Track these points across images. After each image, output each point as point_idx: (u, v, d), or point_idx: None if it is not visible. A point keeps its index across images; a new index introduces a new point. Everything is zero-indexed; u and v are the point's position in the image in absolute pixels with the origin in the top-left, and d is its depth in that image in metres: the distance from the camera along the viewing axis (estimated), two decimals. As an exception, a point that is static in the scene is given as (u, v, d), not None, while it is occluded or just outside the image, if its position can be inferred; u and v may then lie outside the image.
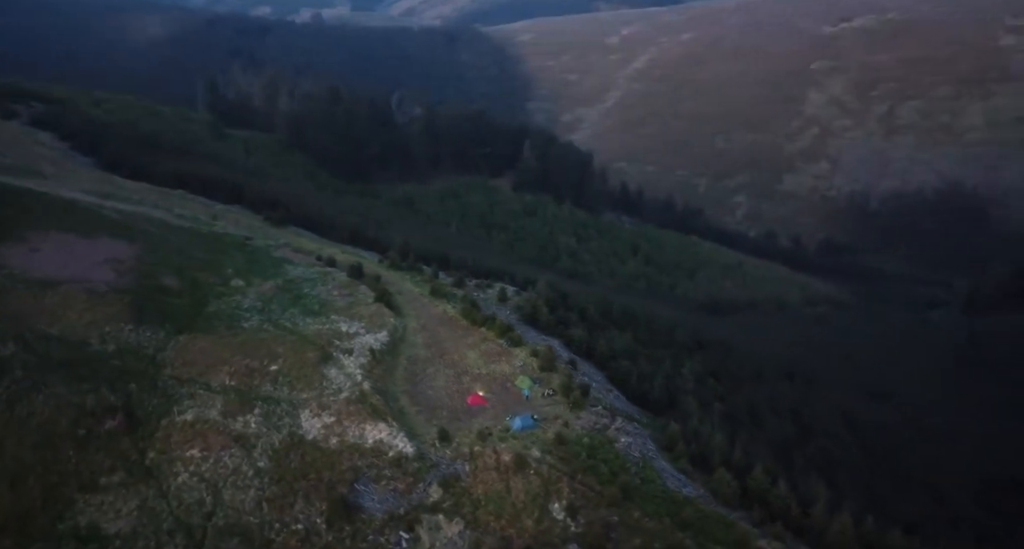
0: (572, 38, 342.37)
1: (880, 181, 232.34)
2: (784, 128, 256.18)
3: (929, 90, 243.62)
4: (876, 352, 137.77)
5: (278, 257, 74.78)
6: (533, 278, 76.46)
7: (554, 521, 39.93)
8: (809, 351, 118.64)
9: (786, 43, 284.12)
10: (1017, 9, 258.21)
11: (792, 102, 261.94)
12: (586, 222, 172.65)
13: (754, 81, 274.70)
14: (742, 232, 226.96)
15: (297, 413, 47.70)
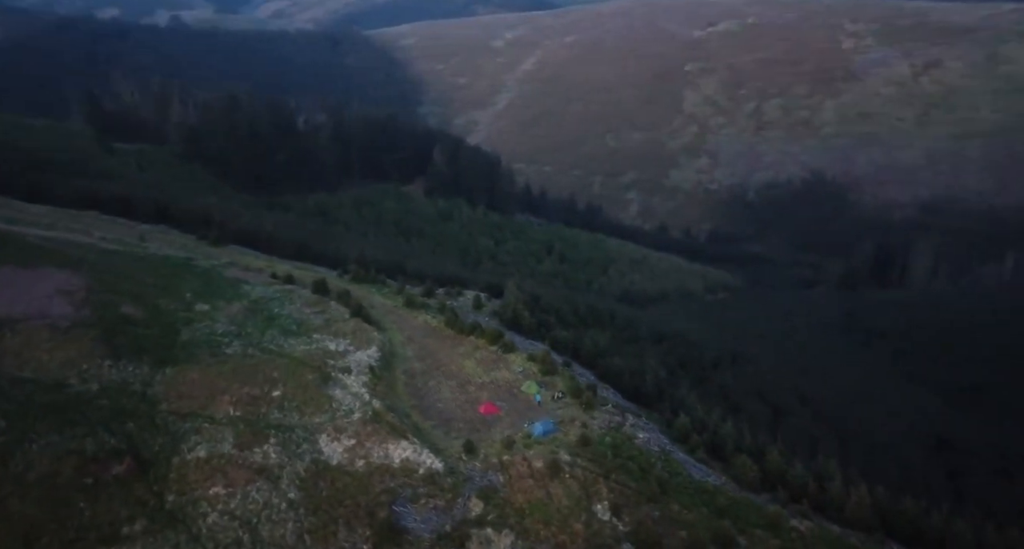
0: (458, 42, 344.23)
1: (754, 173, 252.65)
2: (666, 126, 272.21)
3: (788, 89, 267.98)
4: (775, 331, 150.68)
5: (231, 277, 71.27)
6: (493, 283, 77.85)
7: (602, 522, 41.19)
8: (727, 334, 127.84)
9: (661, 46, 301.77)
10: (855, 15, 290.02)
11: (671, 101, 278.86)
12: (500, 224, 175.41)
13: (635, 82, 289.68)
14: (638, 227, 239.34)
15: (315, 439, 46.35)
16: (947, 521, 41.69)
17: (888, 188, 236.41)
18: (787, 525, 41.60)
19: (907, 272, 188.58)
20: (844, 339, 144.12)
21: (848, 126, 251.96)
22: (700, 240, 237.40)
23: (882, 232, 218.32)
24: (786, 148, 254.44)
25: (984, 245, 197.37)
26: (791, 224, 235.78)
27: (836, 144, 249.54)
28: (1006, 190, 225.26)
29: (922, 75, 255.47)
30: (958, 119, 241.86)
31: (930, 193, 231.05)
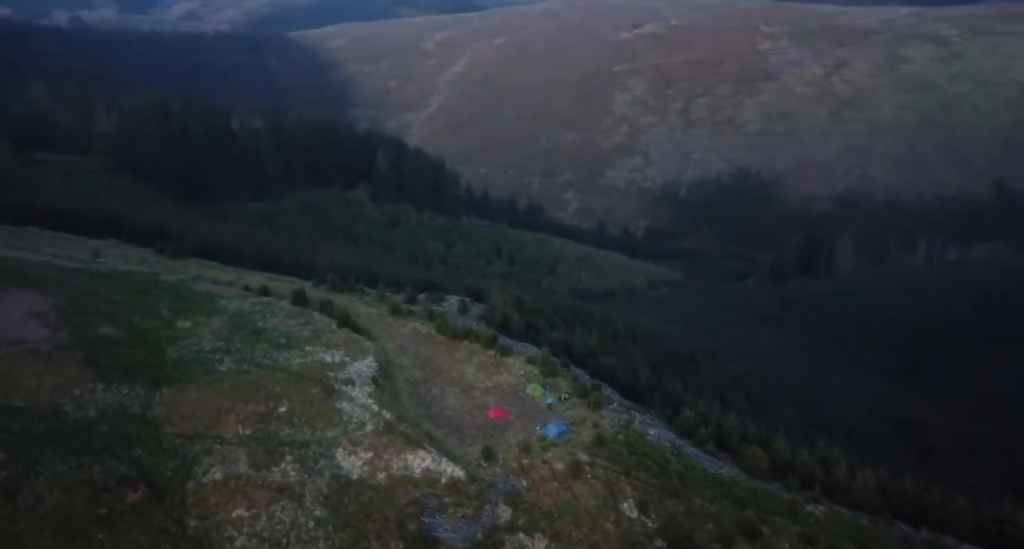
0: (386, 44, 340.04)
1: (685, 171, 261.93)
2: (598, 126, 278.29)
3: (712, 89, 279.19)
4: (720, 323, 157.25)
5: (203, 292, 68.64)
6: (472, 287, 78.03)
7: (631, 520, 42.07)
8: (679, 328, 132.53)
9: (589, 47, 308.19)
10: (769, 18, 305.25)
11: (602, 102, 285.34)
12: (448, 227, 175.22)
13: (566, 83, 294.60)
14: (578, 226, 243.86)
15: (331, 453, 45.50)
16: (946, 499, 45.04)
17: (808, 183, 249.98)
18: (803, 511, 43.93)
19: (832, 262, 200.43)
20: (785, 328, 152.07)
21: (769, 124, 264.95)
22: (638, 237, 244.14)
23: (807, 225, 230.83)
24: (713, 146, 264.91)
25: (896, 234, 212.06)
26: (721, 219, 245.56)
27: (759, 141, 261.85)
28: (910, 183, 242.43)
29: (833, 75, 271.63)
30: (867, 117, 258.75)
31: (845, 187, 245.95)
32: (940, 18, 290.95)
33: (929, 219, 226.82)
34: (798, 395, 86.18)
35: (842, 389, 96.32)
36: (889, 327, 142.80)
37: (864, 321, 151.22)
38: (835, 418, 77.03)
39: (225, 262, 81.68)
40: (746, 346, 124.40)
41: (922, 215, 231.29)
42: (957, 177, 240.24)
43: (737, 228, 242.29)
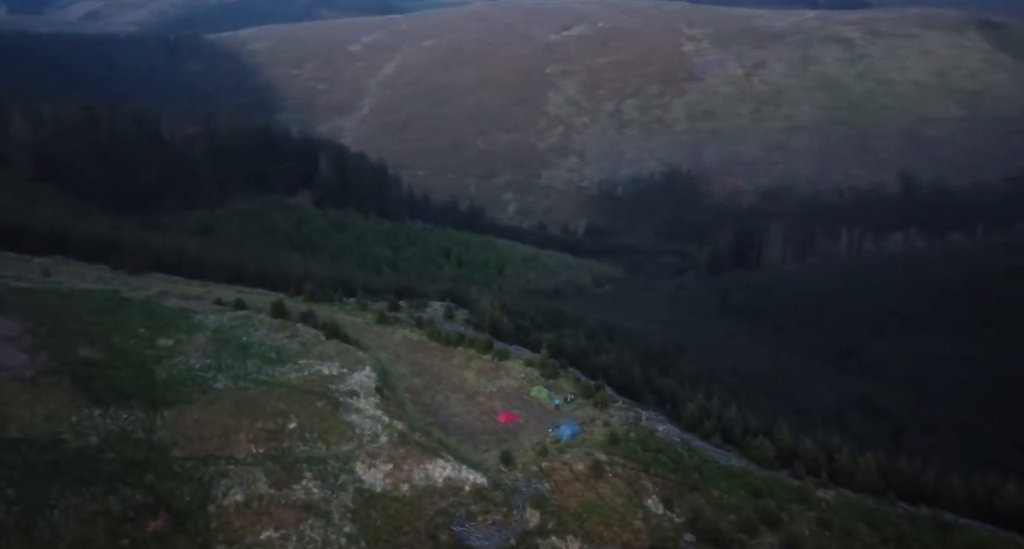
0: (312, 46, 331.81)
1: (620, 170, 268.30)
2: (534, 127, 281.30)
3: (642, 89, 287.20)
4: (666, 316, 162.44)
5: (175, 308, 65.68)
6: (446, 292, 77.83)
7: (658, 517, 43.08)
8: (640, 323, 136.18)
9: (521, 49, 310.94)
10: (690, 21, 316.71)
11: (536, 103, 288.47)
12: (395, 231, 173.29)
13: (500, 84, 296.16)
14: (522, 227, 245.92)
15: (350, 468, 44.73)
16: (939, 477, 48.49)
17: (734, 179, 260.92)
18: (814, 496, 46.22)
19: (763, 254, 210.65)
20: (728, 319, 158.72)
21: (696, 123, 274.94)
22: (578, 236, 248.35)
23: (735, 219, 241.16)
24: (645, 145, 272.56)
25: (820, 226, 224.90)
26: (656, 216, 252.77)
27: (687, 140, 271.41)
28: (827, 176, 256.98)
29: (752, 75, 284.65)
30: (784, 115, 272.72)
31: (769, 182, 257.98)
32: (844, 21, 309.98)
33: (845, 210, 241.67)
34: (767, 383, 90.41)
35: (798, 374, 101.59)
36: (822, 314, 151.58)
37: (798, 309, 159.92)
38: (806, 403, 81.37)
39: (188, 275, 78.28)
40: (703, 337, 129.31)
41: (839, 207, 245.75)
42: (867, 170, 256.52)
43: (671, 224, 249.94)
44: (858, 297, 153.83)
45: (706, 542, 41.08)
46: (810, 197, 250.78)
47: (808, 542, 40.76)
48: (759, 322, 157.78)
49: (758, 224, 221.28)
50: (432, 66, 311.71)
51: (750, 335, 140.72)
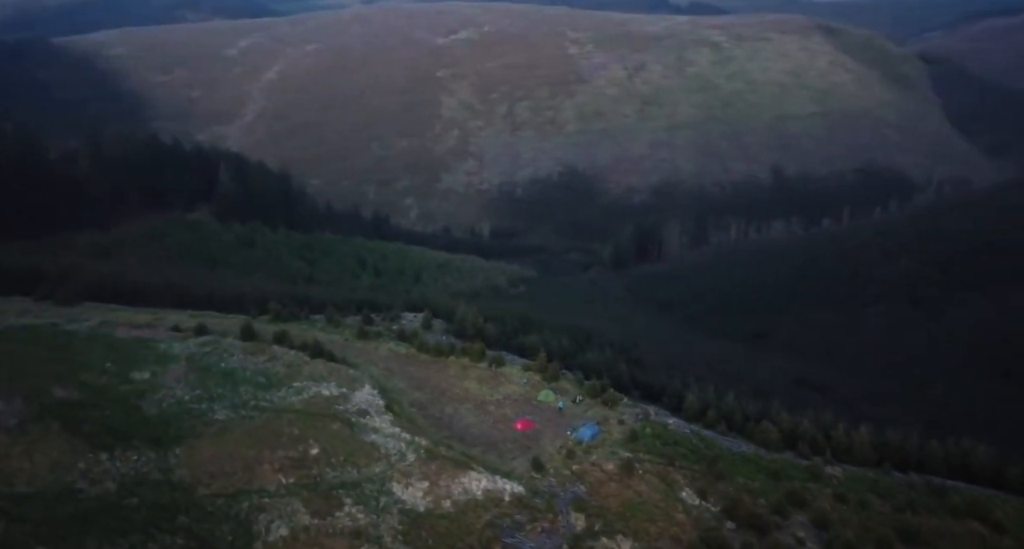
0: (180, 51, 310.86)
1: (518, 171, 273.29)
2: (430, 132, 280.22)
3: (533, 91, 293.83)
4: (589, 310, 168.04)
5: (130, 338, 60.97)
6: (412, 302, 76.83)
7: (696, 507, 44.59)
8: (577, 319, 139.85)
9: (409, 53, 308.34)
10: (573, 25, 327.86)
11: (430, 107, 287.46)
12: (307, 243, 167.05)
13: (391, 89, 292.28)
14: (430, 232, 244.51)
15: (388, 489, 43.72)
16: (921, 445, 53.97)
17: (626, 176, 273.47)
18: (824, 474, 49.72)
19: (662, 247, 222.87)
20: (643, 310, 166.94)
21: (587, 123, 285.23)
22: (484, 238, 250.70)
23: (629, 215, 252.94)
24: (540, 146, 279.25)
25: (709, 217, 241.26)
26: (556, 215, 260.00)
27: (580, 140, 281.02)
28: (708, 171, 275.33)
29: (634, 77, 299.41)
30: (667, 114, 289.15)
31: (657, 178, 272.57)
32: (711, 26, 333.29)
33: (727, 202, 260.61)
34: (716, 368, 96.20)
35: (734, 358, 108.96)
36: (727, 300, 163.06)
37: (704, 297, 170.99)
38: (756, 385, 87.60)
39: (126, 302, 72.37)
40: (631, 329, 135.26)
41: (721, 199, 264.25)
42: (743, 164, 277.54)
43: (571, 222, 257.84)
44: (757, 282, 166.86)
45: (745, 527, 43.40)
46: (695, 191, 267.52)
47: (833, 517, 44.44)
48: (671, 312, 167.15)
49: (655, 219, 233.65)
50: (318, 71, 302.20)
51: (669, 325, 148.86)
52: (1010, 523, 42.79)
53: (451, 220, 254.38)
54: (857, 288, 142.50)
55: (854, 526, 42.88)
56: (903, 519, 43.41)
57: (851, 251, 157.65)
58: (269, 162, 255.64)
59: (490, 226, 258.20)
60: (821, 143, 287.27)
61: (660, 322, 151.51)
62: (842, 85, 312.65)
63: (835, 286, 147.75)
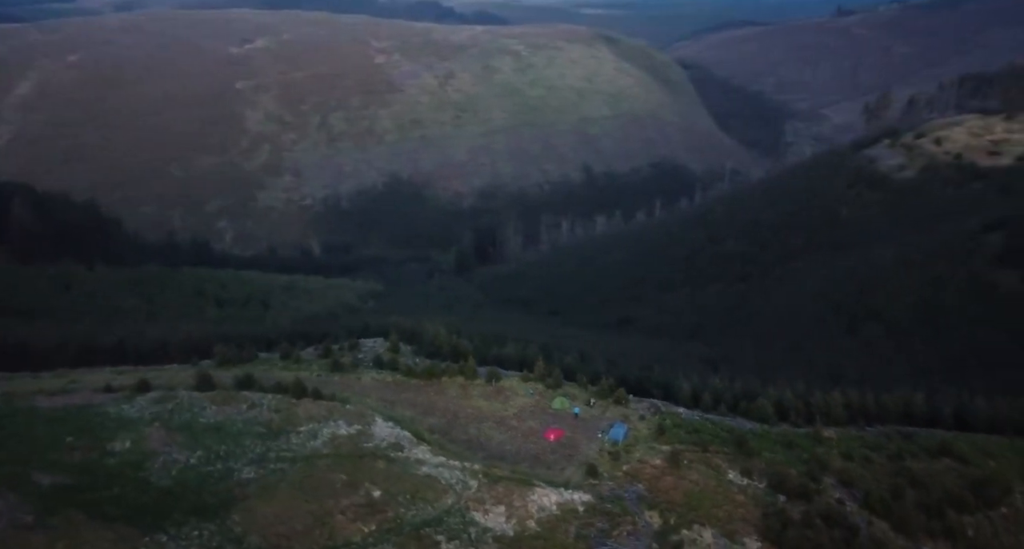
0: None
1: (341, 183, 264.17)
2: (237, 148, 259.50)
3: (346, 101, 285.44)
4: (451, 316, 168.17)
5: (60, 408, 50.99)
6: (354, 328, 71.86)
7: (747, 486, 47.36)
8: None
9: (198, 64, 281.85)
10: (376, 33, 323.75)
11: (233, 122, 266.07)
12: (133, 278, 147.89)
13: (185, 103, 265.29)
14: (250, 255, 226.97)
15: (471, 519, 41.58)
16: (877, 401, 60.95)
17: (451, 182, 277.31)
18: (824, 437, 55.14)
19: (503, 248, 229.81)
20: (508, 312, 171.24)
21: (405, 132, 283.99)
22: (316, 255, 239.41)
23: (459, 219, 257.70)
24: (361, 156, 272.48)
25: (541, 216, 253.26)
26: (388, 225, 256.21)
27: (401, 148, 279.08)
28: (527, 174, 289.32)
29: (445, 85, 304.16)
30: (481, 120, 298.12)
31: (481, 182, 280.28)
32: (509, 35, 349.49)
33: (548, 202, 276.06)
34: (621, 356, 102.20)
35: (640, 348, 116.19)
36: (581, 292, 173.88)
37: (557, 292, 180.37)
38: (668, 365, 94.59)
39: (12, 369, 59.67)
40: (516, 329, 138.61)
41: (542, 199, 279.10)
42: (556, 165, 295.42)
43: (403, 231, 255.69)
44: (604, 273, 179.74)
45: (794, 498, 47.09)
46: (518, 193, 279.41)
47: (852, 474, 49.79)
48: (533, 309, 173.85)
49: (490, 221, 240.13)
50: (88, 85, 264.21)
51: (542, 322, 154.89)
52: (971, 456, 52.49)
53: (275, 239, 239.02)
54: (694, 271, 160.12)
55: (868, 480, 49.37)
56: (901, 466, 51.06)
57: (681, 238, 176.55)
58: (40, 190, 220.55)
59: (320, 242, 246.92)
60: (619, 142, 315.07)
61: (532, 320, 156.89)
62: (628, 89, 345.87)
63: (675, 270, 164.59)
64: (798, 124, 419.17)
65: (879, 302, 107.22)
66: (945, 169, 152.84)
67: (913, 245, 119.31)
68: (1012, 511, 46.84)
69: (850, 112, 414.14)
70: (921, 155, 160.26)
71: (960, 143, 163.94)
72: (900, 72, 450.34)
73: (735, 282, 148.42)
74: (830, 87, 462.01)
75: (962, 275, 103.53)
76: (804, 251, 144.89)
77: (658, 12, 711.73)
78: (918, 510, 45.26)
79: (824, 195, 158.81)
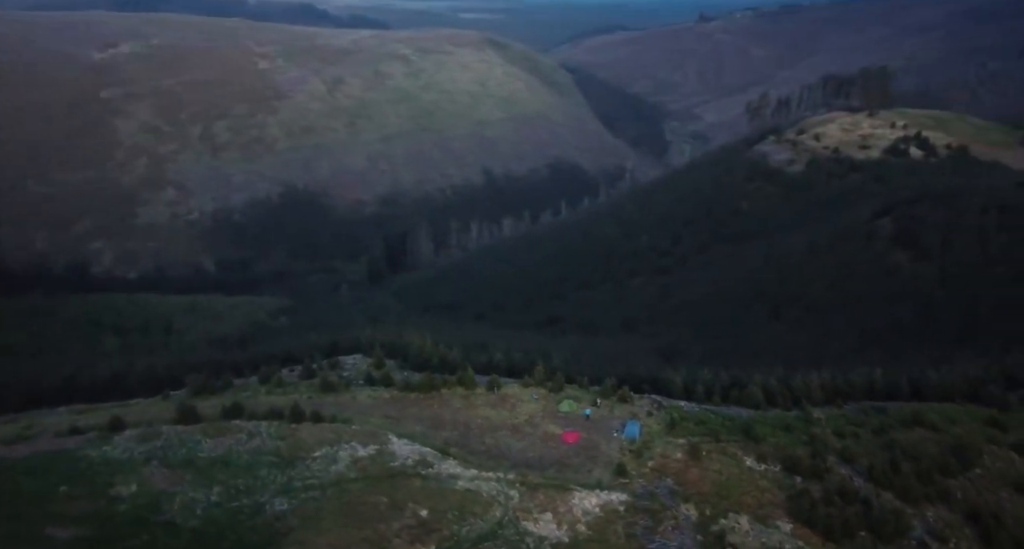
0: None
1: (232, 195, 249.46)
2: (110, 160, 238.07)
3: (229, 109, 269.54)
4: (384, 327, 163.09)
5: (33, 456, 45.09)
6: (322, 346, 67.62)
7: (765, 471, 48.89)
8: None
9: (59, 70, 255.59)
10: (256, 38, 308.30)
11: (104, 133, 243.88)
12: (18, 310, 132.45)
13: (43, 114, 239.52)
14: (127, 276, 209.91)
15: (524, 529, 40.45)
16: (846, 380, 64.11)
17: (351, 190, 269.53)
18: (815, 419, 57.49)
19: (415, 254, 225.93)
20: (436, 319, 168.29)
21: (297, 140, 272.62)
22: (211, 273, 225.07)
23: (362, 228, 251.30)
24: (251, 167, 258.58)
25: (450, 222, 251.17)
26: (287, 237, 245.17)
27: (294, 157, 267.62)
28: (428, 179, 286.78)
29: (335, 91, 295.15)
30: (377, 126, 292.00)
31: (382, 189, 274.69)
32: (396, 40, 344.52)
33: (452, 206, 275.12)
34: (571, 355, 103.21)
35: (579, 346, 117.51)
36: (504, 294, 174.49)
37: (479, 295, 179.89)
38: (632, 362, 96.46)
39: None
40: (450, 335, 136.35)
41: (446, 203, 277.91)
42: (456, 169, 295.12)
43: (304, 242, 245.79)
44: (522, 274, 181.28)
45: (808, 479, 49.09)
46: (421, 198, 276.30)
47: (852, 451, 52.50)
48: (457, 315, 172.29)
49: (399, 229, 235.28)
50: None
51: (473, 327, 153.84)
52: (940, 424, 57.70)
53: (162, 258, 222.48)
54: (614, 266, 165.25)
55: (864, 454, 52.71)
56: (888, 439, 54.93)
57: (596, 235, 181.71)
58: None
59: (214, 258, 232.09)
60: (514, 145, 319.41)
61: (462, 326, 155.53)
62: (518, 92, 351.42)
63: (595, 267, 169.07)
64: (674, 123, 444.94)
65: (797, 287, 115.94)
66: (827, 162, 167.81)
67: (815, 233, 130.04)
68: (985, 472, 51.99)
69: (720, 111, 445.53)
70: (805, 150, 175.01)
71: (835, 138, 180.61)
72: (758, 73, 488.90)
73: (655, 275, 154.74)
74: (699, 88, 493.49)
75: (866, 258, 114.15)
76: (714, 242, 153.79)
77: (534, 18, 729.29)
78: (915, 479, 49.39)
79: (726, 189, 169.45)
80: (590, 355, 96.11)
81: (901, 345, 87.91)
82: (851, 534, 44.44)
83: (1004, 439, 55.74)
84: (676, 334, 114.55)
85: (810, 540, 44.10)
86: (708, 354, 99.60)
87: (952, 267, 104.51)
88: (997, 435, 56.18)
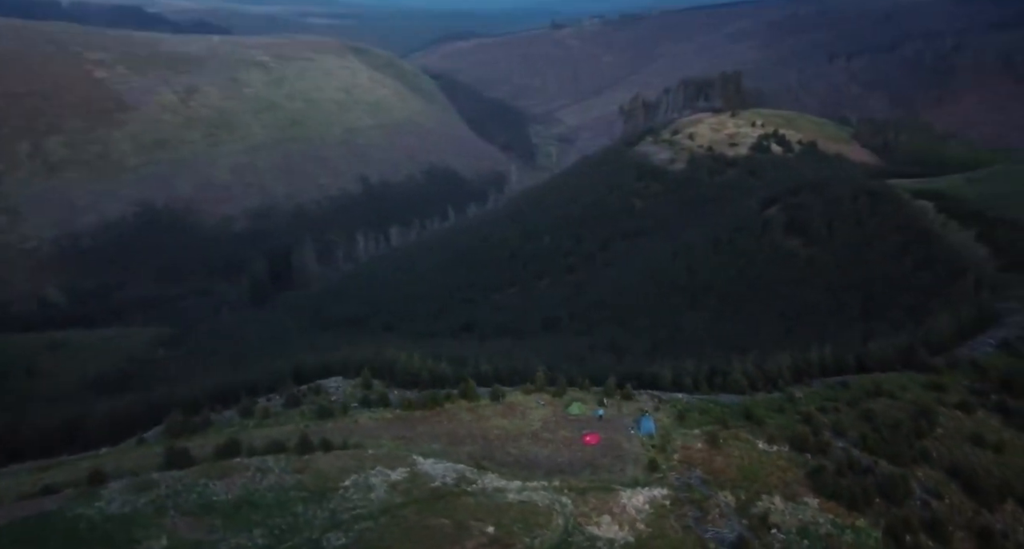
0: None
1: (77, 219, 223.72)
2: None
3: (62, 124, 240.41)
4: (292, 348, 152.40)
5: (23, 519, 37.78)
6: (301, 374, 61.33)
7: (778, 452, 50.66)
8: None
9: None
10: (89, 44, 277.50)
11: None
12: None
13: None
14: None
15: (592, 534, 39.88)
16: (820, 356, 68.47)
17: (217, 205, 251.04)
18: (797, 397, 60.74)
19: (301, 270, 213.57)
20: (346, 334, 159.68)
21: (150, 155, 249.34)
22: (64, 305, 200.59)
23: (233, 244, 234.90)
24: (98, 186, 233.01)
25: (329, 234, 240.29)
26: (150, 260, 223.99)
27: (149, 173, 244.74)
28: (300, 189, 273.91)
29: (189, 100, 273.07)
30: (240, 137, 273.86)
31: (253, 203, 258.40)
32: (253, 46, 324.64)
33: (329, 216, 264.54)
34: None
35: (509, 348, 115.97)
36: (411, 302, 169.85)
37: (387, 306, 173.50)
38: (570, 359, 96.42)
39: None
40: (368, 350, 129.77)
41: (323, 214, 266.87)
42: (331, 178, 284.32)
43: (170, 265, 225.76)
44: (423, 281, 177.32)
45: (816, 454, 51.70)
46: (295, 210, 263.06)
47: (842, 424, 55.98)
48: (364, 328, 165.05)
49: (279, 244, 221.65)
50: None
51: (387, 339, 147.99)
52: (896, 392, 63.62)
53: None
54: (518, 268, 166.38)
55: (851, 427, 56.31)
56: (864, 409, 58.71)
57: (496, 239, 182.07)
58: None
59: (63, 289, 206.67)
60: (387, 152, 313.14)
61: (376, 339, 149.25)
62: (385, 98, 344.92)
63: (500, 270, 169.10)
64: (538, 127, 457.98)
65: (707, 277, 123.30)
66: (704, 160, 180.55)
67: (714, 226, 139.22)
68: (946, 431, 58.03)
69: (580, 114, 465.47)
70: (683, 149, 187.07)
71: (707, 137, 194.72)
72: (610, 77, 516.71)
73: (563, 275, 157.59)
74: (557, 92, 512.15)
75: (766, 246, 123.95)
76: (614, 240, 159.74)
77: (384, 23, 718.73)
78: (902, 444, 54.27)
79: (618, 188, 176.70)
80: (547, 356, 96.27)
81: (819, 324, 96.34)
82: (870, 502, 47.89)
83: (948, 400, 62.70)
84: (610, 331, 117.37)
85: (837, 512, 46.91)
86: (653, 347, 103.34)
87: (840, 250, 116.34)
88: (942, 397, 63.07)
